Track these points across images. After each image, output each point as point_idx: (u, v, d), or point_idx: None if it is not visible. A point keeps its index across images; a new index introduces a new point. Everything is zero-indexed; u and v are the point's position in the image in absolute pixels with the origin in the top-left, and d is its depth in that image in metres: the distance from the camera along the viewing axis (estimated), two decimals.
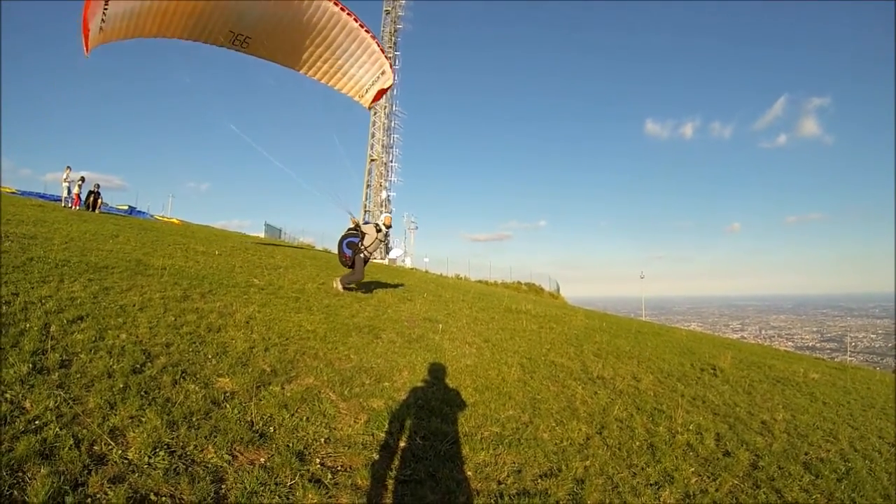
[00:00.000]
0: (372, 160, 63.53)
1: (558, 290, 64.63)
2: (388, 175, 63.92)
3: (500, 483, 5.08)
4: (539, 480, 5.28)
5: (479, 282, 47.66)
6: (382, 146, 63.55)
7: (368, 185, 63.40)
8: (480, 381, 8.35)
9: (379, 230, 14.56)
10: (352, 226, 14.58)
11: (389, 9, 64.25)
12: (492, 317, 15.30)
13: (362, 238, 14.32)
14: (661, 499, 5.42)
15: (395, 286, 17.77)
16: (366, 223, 14.91)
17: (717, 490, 5.82)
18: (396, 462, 4.99)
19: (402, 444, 5.36)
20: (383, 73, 15.13)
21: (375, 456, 4.99)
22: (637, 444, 6.81)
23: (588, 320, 19.39)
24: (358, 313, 11.13)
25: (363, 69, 14.88)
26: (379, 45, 14.71)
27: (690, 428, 7.72)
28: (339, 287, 14.11)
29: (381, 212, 15.73)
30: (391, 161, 64.38)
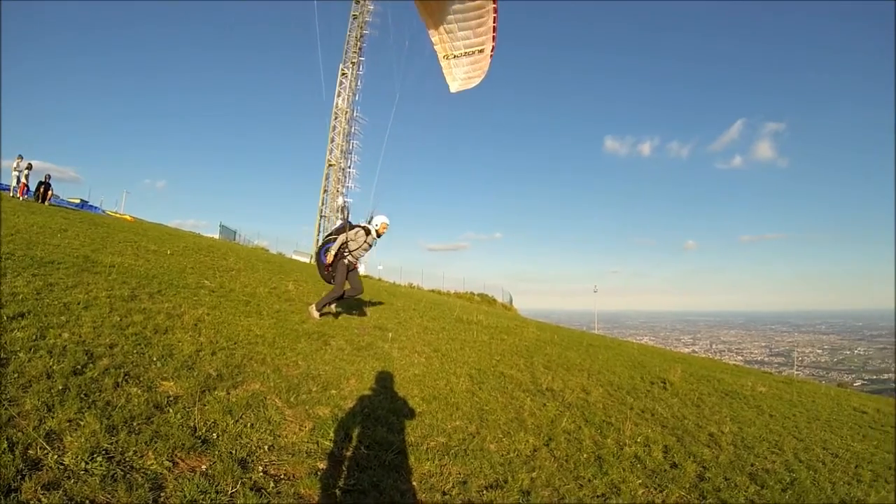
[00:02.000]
0: (330, 165, 63.11)
1: (511, 301, 64.93)
2: (345, 181, 63.63)
3: (444, 494, 5.04)
4: (485, 492, 5.26)
5: (432, 291, 47.70)
6: (341, 151, 63.19)
7: (325, 191, 63.06)
8: (428, 390, 8.31)
9: (368, 233, 12.36)
10: (327, 242, 12.27)
11: (357, 13, 64.15)
12: (442, 326, 15.29)
13: (346, 243, 12.13)
14: None
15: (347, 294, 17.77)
16: (352, 226, 12.35)
17: (663, 501, 5.88)
18: (340, 471, 4.91)
19: (346, 452, 5.28)
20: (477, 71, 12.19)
21: (320, 465, 4.91)
22: (584, 456, 6.81)
23: (540, 332, 19.47)
24: (308, 319, 11.05)
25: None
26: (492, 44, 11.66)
27: (638, 440, 7.76)
28: (315, 313, 12.06)
29: (373, 215, 12.95)
30: (349, 167, 64.10)
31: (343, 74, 64.52)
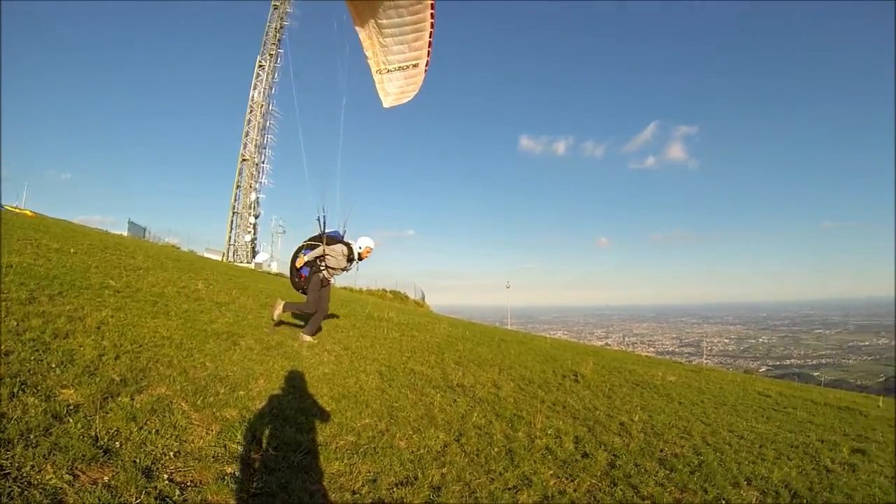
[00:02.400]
0: (244, 160, 61.72)
1: (423, 298, 64.76)
2: (259, 176, 62.42)
3: (354, 493, 5.04)
4: (395, 489, 5.27)
5: (344, 288, 47.29)
6: (256, 146, 61.87)
7: (238, 187, 61.70)
8: (338, 389, 8.29)
9: (351, 259, 11.81)
10: (307, 247, 11.63)
11: (277, 4, 62.95)
12: (353, 324, 15.30)
13: (323, 256, 11.47)
14: (520, 502, 5.52)
15: (259, 291, 17.41)
16: (332, 240, 11.64)
17: (575, 490, 5.98)
18: (248, 475, 4.84)
19: (255, 455, 5.21)
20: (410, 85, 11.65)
21: (227, 469, 4.82)
22: (495, 450, 6.91)
23: (451, 329, 19.63)
24: (217, 319, 10.79)
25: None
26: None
27: (549, 432, 7.90)
28: (308, 339, 11.23)
29: (354, 238, 11.53)
30: (263, 162, 62.90)
31: (260, 66, 63.31)
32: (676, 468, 7.04)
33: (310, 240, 11.74)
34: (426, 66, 10.94)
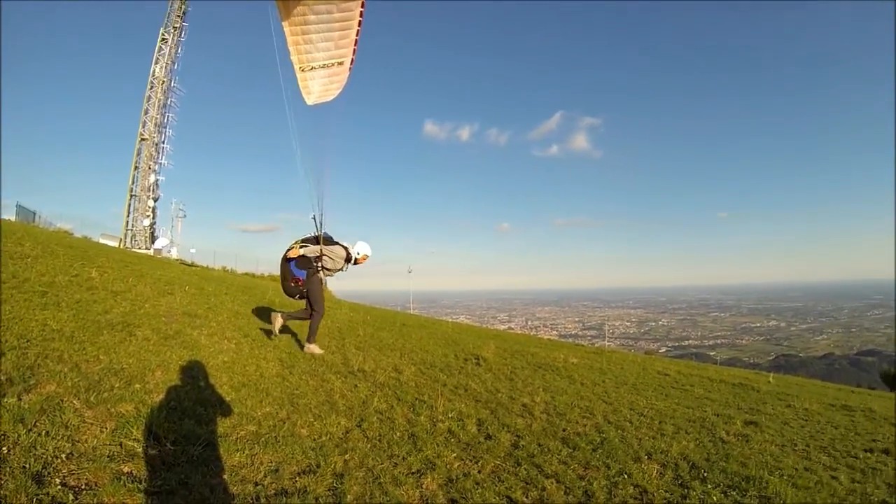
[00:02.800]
0: (143, 139, 58.96)
1: (325, 283, 64.35)
2: (158, 157, 60.11)
3: (257, 485, 4.95)
4: (298, 478, 5.21)
5: (246, 274, 46.39)
6: (156, 125, 59.23)
7: (136, 168, 59.23)
8: (237, 377, 8.16)
9: (348, 260, 11.75)
10: (294, 245, 11.32)
11: None
12: (254, 311, 15.01)
13: (319, 258, 11.29)
14: (424, 485, 5.53)
15: (157, 279, 16.90)
16: (330, 241, 11.48)
17: (479, 472, 6.04)
18: (146, 472, 4.68)
19: (152, 451, 5.03)
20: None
21: (124, 468, 4.65)
22: (398, 434, 6.93)
23: (353, 314, 19.73)
24: (112, 309, 10.37)
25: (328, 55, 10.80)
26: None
27: (452, 415, 7.97)
28: (315, 349, 11.21)
29: (338, 244, 11.23)
30: (163, 142, 60.40)
31: (163, 40, 60.47)
32: (579, 446, 7.20)
33: (303, 240, 11.40)
34: (351, 63, 10.80)
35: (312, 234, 11.35)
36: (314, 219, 11.12)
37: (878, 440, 9.36)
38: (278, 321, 11.38)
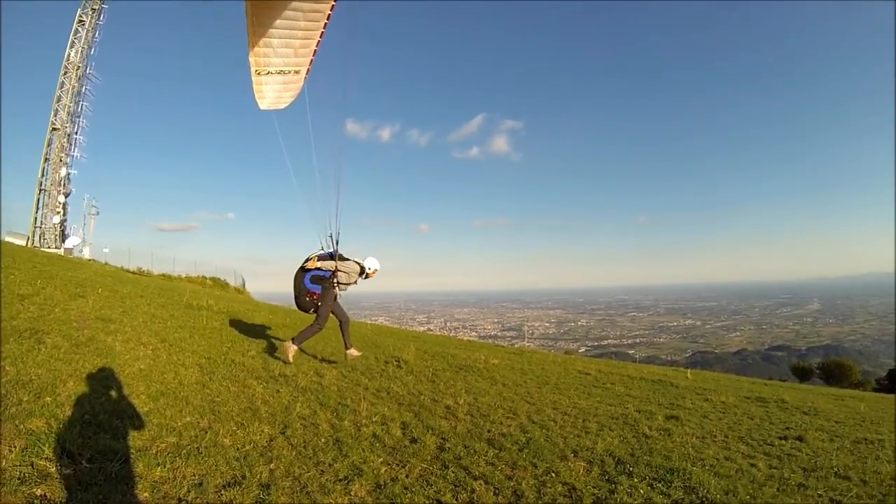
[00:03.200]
0: (54, 129, 54.98)
1: (244, 285, 63.22)
2: (70, 149, 57.15)
3: (180, 500, 4.76)
4: (223, 491, 5.04)
5: (162, 275, 45.30)
6: (68, 113, 55.92)
7: (47, 160, 56.14)
8: (155, 386, 7.87)
9: (362, 273, 12.19)
10: (312, 257, 11.78)
11: None
12: (171, 314, 14.58)
13: (334, 273, 11.73)
14: (352, 492, 5.44)
15: (68, 280, 16.29)
16: (342, 258, 11.91)
17: (407, 476, 5.99)
18: (61, 494, 4.41)
19: (66, 471, 4.75)
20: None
21: (36, 490, 4.37)
22: (323, 440, 6.82)
23: (272, 316, 19.43)
24: (18, 314, 9.89)
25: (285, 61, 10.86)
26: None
27: (376, 419, 7.91)
28: (291, 350, 11.48)
29: (350, 259, 11.39)
30: (76, 133, 57.06)
31: (80, 22, 57.00)
32: (505, 447, 7.21)
33: (318, 257, 11.76)
34: (306, 73, 10.87)
35: (323, 251, 11.85)
36: (331, 237, 11.65)
37: (791, 428, 9.83)
38: (290, 351, 11.43)
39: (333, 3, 9.67)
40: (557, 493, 5.84)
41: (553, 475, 6.32)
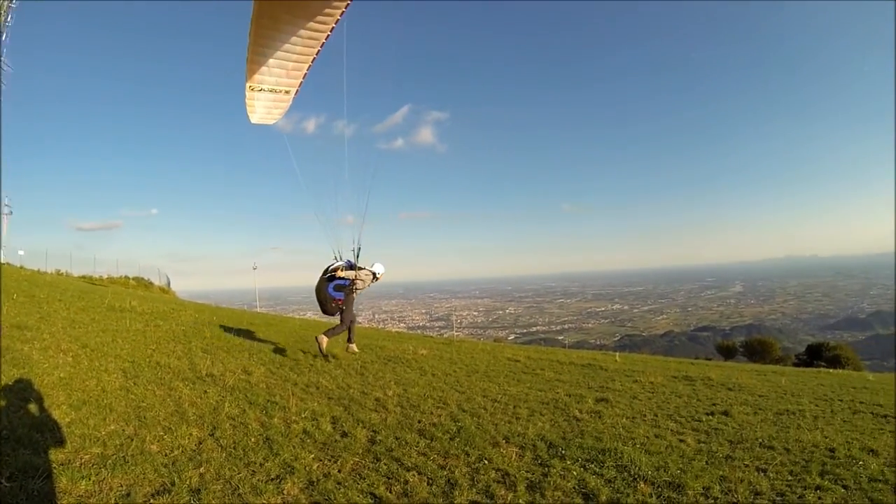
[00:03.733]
0: None
1: (169, 284, 61.92)
2: None
3: None
4: (152, 500, 4.92)
5: (83, 278, 43.92)
6: None
7: None
8: (77, 394, 7.61)
9: (375, 279, 13.98)
10: (335, 266, 13.50)
11: None
12: (92, 317, 14.27)
13: (353, 282, 13.40)
14: (285, 491, 5.38)
15: None
16: (351, 266, 13.57)
17: (339, 471, 5.96)
18: None
19: None
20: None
21: None
22: (253, 440, 6.74)
23: (198, 315, 19.12)
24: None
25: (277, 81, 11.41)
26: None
27: (305, 415, 7.88)
28: (325, 345, 13.12)
29: (364, 268, 12.54)
30: None
31: None
32: (436, 437, 7.25)
33: (335, 271, 13.45)
34: (295, 93, 11.49)
35: (336, 261, 13.62)
36: (353, 251, 13.45)
37: (717, 404, 10.15)
38: (324, 342, 13.14)
39: (330, 32, 10.21)
40: (491, 479, 5.89)
41: (486, 462, 6.37)
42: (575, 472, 6.08)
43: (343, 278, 13.33)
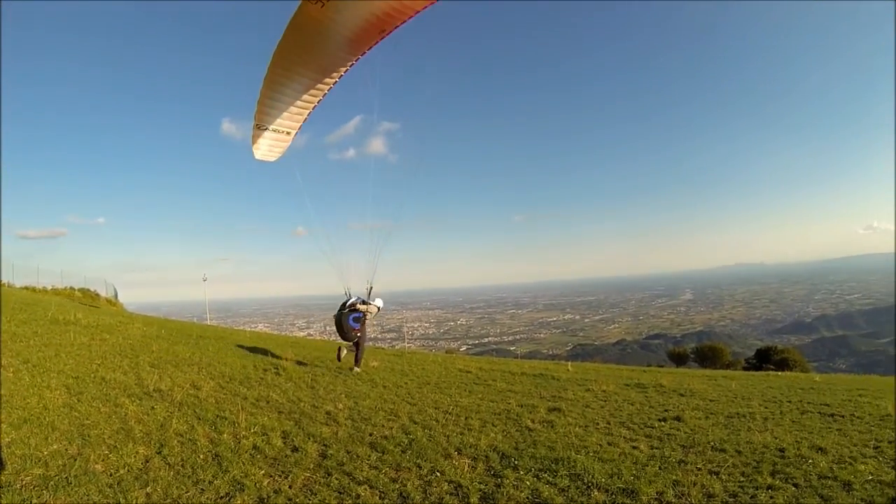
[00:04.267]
0: None
1: (116, 296, 60.75)
2: None
3: None
4: None
5: (25, 289, 42.81)
6: None
7: None
8: (17, 413, 7.41)
9: (379, 309, 15.98)
10: (353, 302, 15.44)
11: None
12: (34, 331, 13.94)
13: (365, 314, 15.49)
14: None
15: None
16: (363, 302, 15.49)
17: (290, 487, 5.91)
18: None
19: None
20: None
21: None
22: (201, 457, 6.64)
23: (146, 328, 18.71)
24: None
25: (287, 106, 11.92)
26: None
27: (255, 430, 7.78)
28: (358, 368, 14.90)
29: (371, 303, 14.18)
30: None
31: None
32: (388, 449, 7.24)
33: (353, 306, 15.36)
34: (295, 134, 12.43)
35: (348, 297, 15.57)
36: (367, 289, 15.37)
37: (669, 410, 10.32)
38: (344, 353, 15.69)
39: (335, 82, 11.16)
40: (444, 491, 5.88)
41: (438, 474, 6.37)
42: (528, 482, 6.11)
43: (359, 311, 15.29)
